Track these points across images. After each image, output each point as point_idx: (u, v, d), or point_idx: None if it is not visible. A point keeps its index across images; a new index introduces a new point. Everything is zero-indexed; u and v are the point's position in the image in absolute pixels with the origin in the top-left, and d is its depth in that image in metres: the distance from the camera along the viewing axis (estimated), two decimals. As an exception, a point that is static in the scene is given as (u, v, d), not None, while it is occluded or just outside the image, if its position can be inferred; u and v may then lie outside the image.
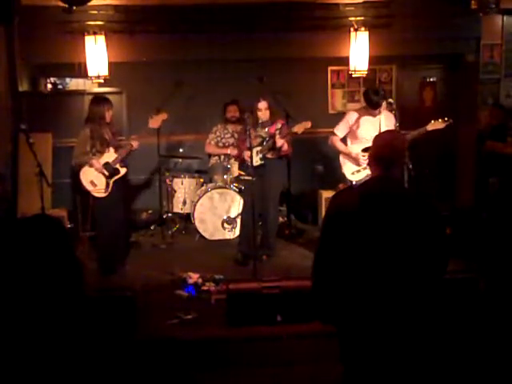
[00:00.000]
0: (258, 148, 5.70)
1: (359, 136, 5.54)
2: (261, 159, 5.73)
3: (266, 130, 5.76)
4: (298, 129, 5.56)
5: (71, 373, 1.73)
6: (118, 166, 5.41)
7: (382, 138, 2.54)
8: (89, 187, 5.31)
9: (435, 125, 5.33)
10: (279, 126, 5.75)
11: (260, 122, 5.74)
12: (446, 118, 5.33)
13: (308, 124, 5.55)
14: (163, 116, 5.79)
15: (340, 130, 5.70)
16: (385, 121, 5.43)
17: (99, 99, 5.50)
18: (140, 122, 7.06)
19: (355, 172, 5.58)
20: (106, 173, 5.33)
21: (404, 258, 2.27)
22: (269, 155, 5.75)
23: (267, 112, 5.70)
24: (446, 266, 2.43)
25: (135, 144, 5.49)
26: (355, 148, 5.55)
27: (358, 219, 2.28)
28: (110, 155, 5.37)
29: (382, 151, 2.43)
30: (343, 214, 2.32)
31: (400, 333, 2.24)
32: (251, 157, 5.36)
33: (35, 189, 5.02)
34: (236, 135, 6.74)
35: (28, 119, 5.99)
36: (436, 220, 2.36)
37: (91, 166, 5.28)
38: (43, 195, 5.01)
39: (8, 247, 1.76)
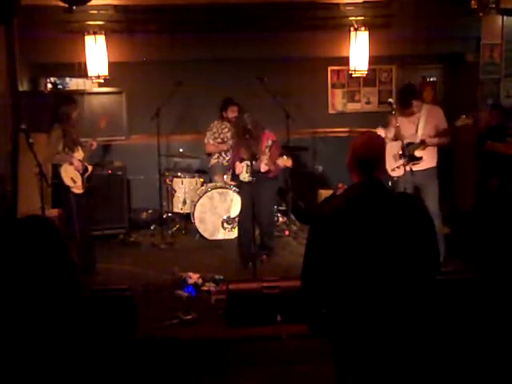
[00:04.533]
0: (248, 162, 5.43)
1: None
2: (249, 176, 5.42)
3: (260, 146, 5.44)
4: (281, 162, 5.40)
5: (71, 373, 1.73)
6: (86, 163, 5.58)
7: (360, 141, 2.44)
8: (70, 184, 5.41)
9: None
10: (270, 143, 5.38)
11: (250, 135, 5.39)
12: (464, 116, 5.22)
13: (289, 162, 5.37)
14: (106, 118, 6.09)
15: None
16: (425, 117, 5.31)
17: (66, 99, 5.63)
18: (140, 121, 7.09)
19: (395, 168, 5.43)
20: (81, 170, 5.48)
21: (393, 260, 2.25)
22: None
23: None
24: (438, 266, 2.41)
25: (95, 144, 5.69)
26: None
27: (346, 224, 2.26)
28: (80, 153, 5.52)
29: (360, 155, 2.37)
30: (329, 219, 2.29)
31: (392, 335, 2.23)
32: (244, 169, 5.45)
33: (35, 189, 5.02)
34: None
35: (28, 119, 5.98)
36: (424, 220, 2.33)
37: (71, 164, 5.41)
38: (43, 195, 5.01)
39: (1, 249, 1.76)
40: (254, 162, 5.29)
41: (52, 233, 1.83)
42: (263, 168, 5.43)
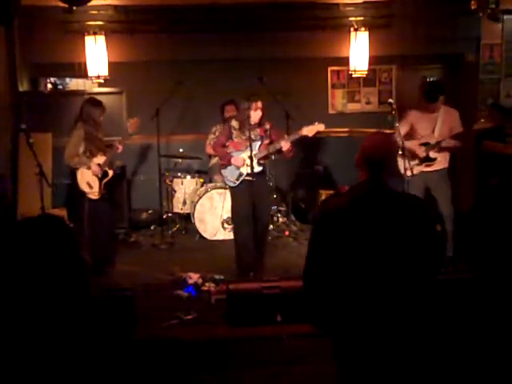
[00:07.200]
0: (254, 152, 5.11)
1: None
2: (258, 165, 5.19)
3: (258, 131, 5.27)
4: (309, 131, 5.12)
5: (72, 373, 1.74)
6: (106, 168, 5.45)
7: (371, 141, 2.46)
8: (86, 189, 5.33)
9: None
10: (268, 127, 5.30)
11: (248, 123, 5.14)
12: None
13: (321, 127, 5.14)
14: (136, 121, 5.66)
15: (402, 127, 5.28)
16: (442, 118, 5.30)
17: (95, 102, 5.49)
18: (140, 121, 7.07)
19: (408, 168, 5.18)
20: (100, 175, 5.37)
21: (395, 259, 2.26)
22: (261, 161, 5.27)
23: (261, 113, 5.21)
24: (439, 266, 2.42)
25: (120, 147, 5.49)
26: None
27: (348, 223, 2.27)
28: (101, 158, 5.40)
29: (371, 154, 2.39)
30: (333, 218, 2.30)
31: (393, 334, 2.24)
32: (251, 163, 4.99)
33: (35, 189, 5.02)
34: None
35: (28, 119, 5.98)
36: (426, 221, 2.34)
37: (89, 168, 5.31)
38: (43, 195, 5.01)
39: (14, 247, 1.76)
40: (257, 150, 5.12)
41: (64, 232, 1.84)
42: (285, 146, 5.08)
